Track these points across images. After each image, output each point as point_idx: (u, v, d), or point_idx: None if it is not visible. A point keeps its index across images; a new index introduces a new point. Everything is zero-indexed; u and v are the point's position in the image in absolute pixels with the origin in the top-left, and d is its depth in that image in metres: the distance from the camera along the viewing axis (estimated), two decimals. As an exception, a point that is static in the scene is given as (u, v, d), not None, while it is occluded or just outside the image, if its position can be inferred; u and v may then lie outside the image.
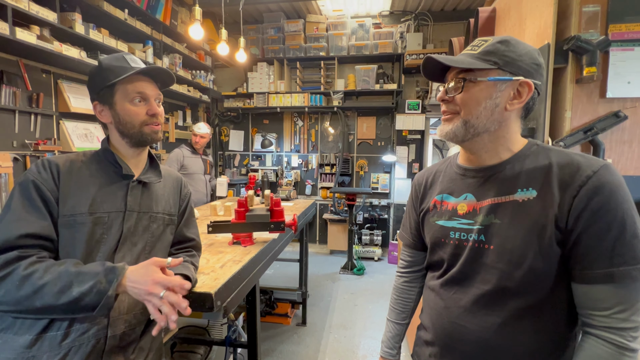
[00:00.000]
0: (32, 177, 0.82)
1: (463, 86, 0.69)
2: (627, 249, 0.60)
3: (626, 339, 0.60)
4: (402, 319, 1.00)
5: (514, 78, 0.67)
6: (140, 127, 0.91)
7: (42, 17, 2.18)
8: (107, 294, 0.73)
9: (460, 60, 0.70)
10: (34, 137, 2.45)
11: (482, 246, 0.71)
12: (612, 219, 0.60)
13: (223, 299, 1.06)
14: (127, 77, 0.87)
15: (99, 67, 0.90)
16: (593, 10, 1.32)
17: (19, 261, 0.74)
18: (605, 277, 0.61)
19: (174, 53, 3.76)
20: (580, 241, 0.63)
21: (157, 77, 0.95)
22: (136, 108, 0.90)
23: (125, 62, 0.90)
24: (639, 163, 1.33)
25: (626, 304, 0.61)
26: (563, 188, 0.64)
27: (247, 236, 1.51)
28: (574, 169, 0.65)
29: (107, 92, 0.89)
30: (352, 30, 4.54)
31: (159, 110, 0.94)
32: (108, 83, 0.88)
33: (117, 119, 0.90)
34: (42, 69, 2.52)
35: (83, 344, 0.80)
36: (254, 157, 5.11)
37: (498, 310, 0.69)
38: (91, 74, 0.92)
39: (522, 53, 0.68)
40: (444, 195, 0.81)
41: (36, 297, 0.72)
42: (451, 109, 0.73)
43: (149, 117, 0.92)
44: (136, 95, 0.90)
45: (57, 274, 0.73)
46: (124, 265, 0.79)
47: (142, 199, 0.95)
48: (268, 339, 2.59)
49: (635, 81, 1.31)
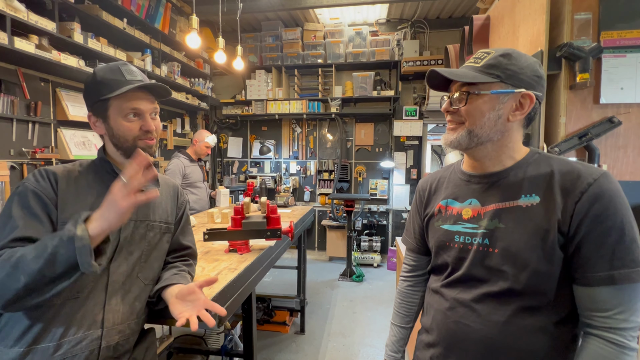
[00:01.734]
0: (31, 186, 0.81)
1: (467, 99, 0.72)
2: (627, 253, 0.63)
3: (626, 338, 0.63)
4: (407, 322, 1.00)
5: (516, 91, 0.70)
6: (133, 142, 0.89)
7: (40, 27, 2.20)
8: (77, 235, 0.68)
9: (464, 74, 0.73)
10: (31, 145, 2.45)
11: (487, 250, 0.74)
12: (612, 224, 0.64)
13: (218, 308, 1.05)
14: (121, 92, 0.84)
15: (94, 78, 0.88)
16: (585, 18, 1.34)
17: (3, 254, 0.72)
18: (606, 280, 0.64)
19: (172, 61, 3.79)
20: (582, 246, 0.66)
21: (154, 91, 0.93)
22: (130, 124, 0.88)
23: (121, 75, 0.87)
24: (634, 168, 1.33)
25: (626, 305, 0.64)
26: (565, 194, 0.67)
27: (243, 244, 1.51)
28: (575, 176, 0.68)
29: (101, 105, 0.87)
30: (349, 38, 4.59)
31: (153, 127, 0.91)
32: (102, 97, 0.86)
33: (110, 132, 0.89)
34: (40, 78, 2.53)
35: (76, 356, 0.79)
36: (253, 163, 5.12)
37: (502, 310, 0.71)
38: (86, 85, 0.90)
39: (523, 66, 0.71)
40: (449, 200, 0.84)
41: (18, 272, 0.69)
42: (456, 119, 0.76)
43: (143, 133, 0.90)
44: (130, 112, 0.87)
45: (31, 247, 0.72)
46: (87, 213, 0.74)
47: (139, 208, 0.95)
48: (266, 348, 2.56)
49: (629, 87, 1.32)
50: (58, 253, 0.69)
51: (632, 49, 1.31)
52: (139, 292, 0.91)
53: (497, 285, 0.72)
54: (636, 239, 0.64)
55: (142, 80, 0.90)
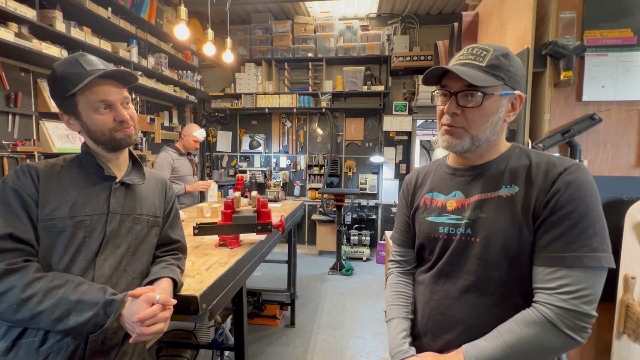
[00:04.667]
0: (11, 183, 0.80)
1: (483, 100, 0.71)
2: (581, 238, 0.65)
3: (560, 318, 0.64)
4: (406, 312, 0.91)
5: (515, 92, 0.73)
6: (110, 134, 0.88)
7: (20, 14, 2.12)
8: (104, 327, 0.75)
9: (474, 75, 0.71)
10: (12, 137, 2.37)
11: (469, 239, 0.76)
12: (574, 209, 0.66)
13: (208, 302, 1.05)
14: (84, 85, 0.81)
15: (54, 75, 0.85)
16: (569, 17, 1.37)
17: (8, 275, 0.73)
18: (556, 260, 0.66)
19: (159, 53, 3.70)
20: (541, 226, 0.69)
21: (119, 78, 0.89)
22: (102, 117, 0.86)
23: (80, 67, 0.84)
24: (612, 164, 1.38)
25: (570, 287, 0.64)
26: (539, 182, 0.71)
27: (233, 238, 1.50)
28: (550, 166, 0.71)
29: (69, 102, 0.85)
30: (339, 32, 4.57)
31: (127, 116, 0.89)
32: (67, 94, 0.83)
33: (85, 128, 0.87)
34: (20, 68, 2.44)
35: (62, 349, 0.78)
36: (242, 158, 5.08)
37: (486, 298, 0.73)
38: (49, 84, 0.87)
39: (518, 67, 0.74)
40: (434, 193, 0.86)
41: (32, 322, 0.72)
42: (459, 123, 0.75)
43: (118, 124, 0.88)
44: (100, 104, 0.85)
45: (55, 300, 0.73)
46: (124, 298, 0.79)
47: (125, 201, 0.94)
48: (256, 341, 2.58)
49: (609, 85, 1.37)
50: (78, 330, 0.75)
51: (614, 48, 1.35)
52: (127, 286, 0.91)
53: (477, 274, 0.74)
54: (595, 227, 0.65)
55: (104, 68, 0.86)
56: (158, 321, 0.78)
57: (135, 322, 0.76)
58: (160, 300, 0.81)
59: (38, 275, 0.75)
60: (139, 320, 0.76)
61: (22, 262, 0.75)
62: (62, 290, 0.74)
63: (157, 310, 0.79)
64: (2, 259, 0.74)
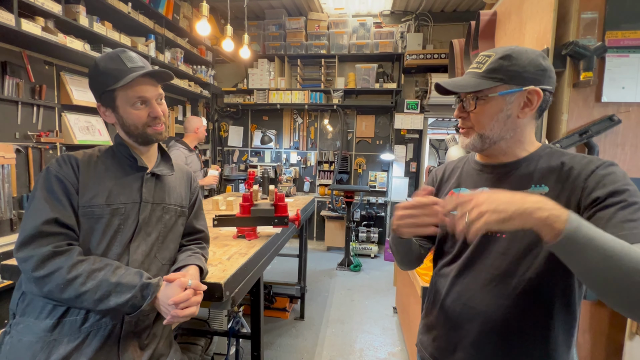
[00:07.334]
0: (54, 171, 0.85)
1: (476, 104, 0.76)
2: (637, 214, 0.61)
3: None
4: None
5: (523, 89, 0.73)
6: (143, 128, 0.93)
7: (47, 9, 2.18)
8: (141, 308, 0.81)
9: (467, 83, 0.76)
10: (36, 128, 2.45)
11: (494, 235, 0.77)
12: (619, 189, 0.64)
13: (231, 290, 1.10)
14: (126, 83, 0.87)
15: (96, 69, 0.90)
16: (591, 17, 1.37)
17: (55, 257, 0.78)
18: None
19: (175, 47, 3.76)
20: (594, 215, 0.65)
21: (156, 75, 0.94)
22: (138, 112, 0.92)
23: (122, 64, 0.89)
24: (630, 165, 1.38)
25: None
26: (575, 177, 0.70)
27: (251, 230, 1.55)
28: (586, 161, 0.71)
29: (108, 96, 0.90)
30: (353, 29, 4.57)
31: (161, 112, 0.95)
32: (107, 89, 0.88)
33: (120, 121, 0.93)
34: (44, 61, 2.51)
35: (101, 329, 0.84)
36: (253, 153, 5.13)
37: (508, 292, 0.74)
38: (90, 76, 0.92)
39: (525, 64, 0.73)
40: (461, 188, 0.87)
41: (77, 301, 0.78)
42: (467, 124, 0.80)
43: (152, 119, 0.93)
44: (137, 100, 0.91)
45: (97, 282, 0.79)
46: (159, 282, 0.85)
47: (155, 191, 0.98)
48: (267, 333, 2.63)
49: (630, 87, 1.36)
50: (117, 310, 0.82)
51: (635, 49, 1.35)
52: (157, 272, 0.96)
53: (501, 269, 0.75)
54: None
55: (143, 66, 0.92)
56: (191, 305, 0.83)
57: (170, 304, 0.80)
58: (192, 285, 0.86)
59: (81, 258, 0.80)
60: (174, 302, 0.80)
61: (66, 246, 0.80)
62: (102, 273, 0.79)
63: (190, 295, 0.83)
64: (49, 242, 0.79)
